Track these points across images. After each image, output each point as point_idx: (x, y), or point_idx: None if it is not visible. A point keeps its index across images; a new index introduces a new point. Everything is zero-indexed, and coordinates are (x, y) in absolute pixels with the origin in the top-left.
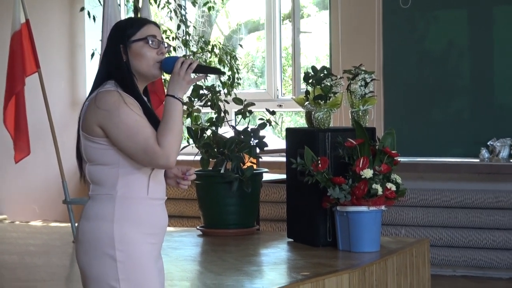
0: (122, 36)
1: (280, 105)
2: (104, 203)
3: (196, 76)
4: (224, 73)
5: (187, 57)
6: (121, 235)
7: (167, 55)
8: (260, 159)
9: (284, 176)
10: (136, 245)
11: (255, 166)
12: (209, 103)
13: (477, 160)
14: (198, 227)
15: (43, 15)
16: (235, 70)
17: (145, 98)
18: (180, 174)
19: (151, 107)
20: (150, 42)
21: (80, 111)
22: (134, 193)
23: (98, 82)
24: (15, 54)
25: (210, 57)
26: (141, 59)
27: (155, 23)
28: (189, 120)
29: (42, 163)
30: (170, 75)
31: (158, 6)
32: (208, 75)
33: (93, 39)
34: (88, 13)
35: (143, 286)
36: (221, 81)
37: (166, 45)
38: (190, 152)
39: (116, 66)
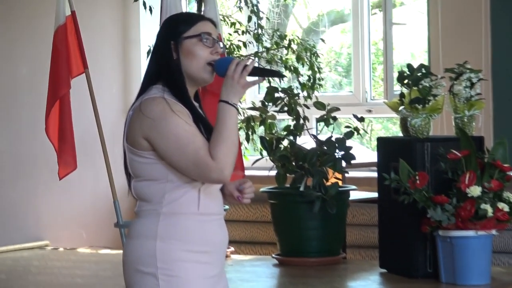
0: (173, 32)
1: (370, 110)
2: (148, 219)
3: (253, 80)
4: (284, 76)
5: (243, 58)
6: (163, 252)
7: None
8: (346, 175)
9: (375, 195)
10: (181, 263)
11: (340, 183)
12: (285, 108)
13: None
14: (273, 255)
15: (91, 6)
16: (316, 69)
17: (196, 104)
18: (235, 192)
19: (203, 113)
20: (204, 40)
21: (125, 121)
22: (183, 208)
23: (145, 84)
24: (59, 52)
25: (286, 54)
26: (192, 58)
27: (211, 20)
28: (262, 128)
29: (91, 180)
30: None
31: None
32: (266, 78)
33: (149, 34)
34: (144, 4)
35: None
36: (299, 82)
37: (221, 45)
38: (263, 166)
39: (165, 65)
